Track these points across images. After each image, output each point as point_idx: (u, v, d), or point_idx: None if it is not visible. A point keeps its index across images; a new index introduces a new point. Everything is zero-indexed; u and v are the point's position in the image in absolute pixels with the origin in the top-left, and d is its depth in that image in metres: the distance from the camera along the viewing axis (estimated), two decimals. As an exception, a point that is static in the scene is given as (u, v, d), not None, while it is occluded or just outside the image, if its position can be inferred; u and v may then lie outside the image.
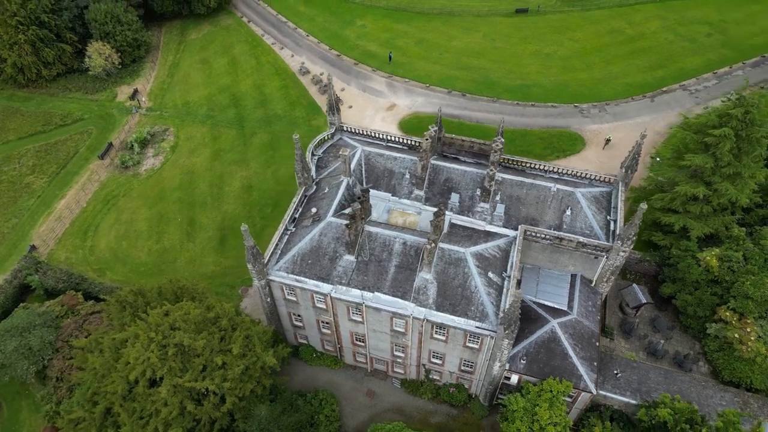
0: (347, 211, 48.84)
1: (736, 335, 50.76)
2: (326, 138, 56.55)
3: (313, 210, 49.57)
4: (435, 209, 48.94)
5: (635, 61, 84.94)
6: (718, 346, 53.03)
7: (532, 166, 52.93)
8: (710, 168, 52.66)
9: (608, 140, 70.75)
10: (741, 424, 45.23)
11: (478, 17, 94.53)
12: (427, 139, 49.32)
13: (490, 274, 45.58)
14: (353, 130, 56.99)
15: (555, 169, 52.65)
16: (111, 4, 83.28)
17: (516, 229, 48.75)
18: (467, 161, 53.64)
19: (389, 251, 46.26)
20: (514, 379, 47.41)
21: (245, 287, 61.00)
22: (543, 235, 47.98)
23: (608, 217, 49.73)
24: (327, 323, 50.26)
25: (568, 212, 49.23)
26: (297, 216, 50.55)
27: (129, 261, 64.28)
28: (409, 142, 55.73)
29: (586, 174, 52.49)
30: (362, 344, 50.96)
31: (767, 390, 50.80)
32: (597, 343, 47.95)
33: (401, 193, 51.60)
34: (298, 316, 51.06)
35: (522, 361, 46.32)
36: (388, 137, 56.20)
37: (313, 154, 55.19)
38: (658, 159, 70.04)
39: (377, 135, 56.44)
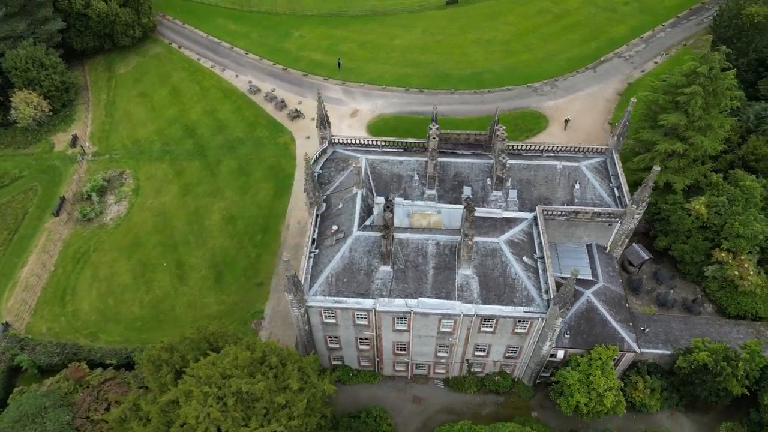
0: (369, 222, 48.10)
1: (736, 272, 55.08)
2: (321, 153, 55.13)
3: (334, 228, 48.29)
4: (457, 206, 49.38)
5: (569, 36, 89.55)
6: (718, 286, 57.26)
7: (528, 148, 54.50)
8: (684, 124, 56.64)
9: (567, 121, 73.85)
10: (763, 351, 49.37)
11: (412, 13, 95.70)
12: (434, 138, 49.49)
13: (525, 259, 46.59)
14: (346, 141, 56.00)
15: (550, 148, 54.55)
16: (30, 48, 76.25)
17: (531, 211, 50.13)
18: (465, 153, 54.34)
19: (424, 254, 46.04)
20: (560, 354, 48.77)
21: (257, 320, 58.39)
22: (559, 212, 49.69)
23: (611, 185, 52.25)
24: (366, 339, 49.24)
25: (577, 186, 51.26)
26: (315, 237, 48.96)
27: (121, 318, 59.53)
28: (405, 143, 55.61)
29: (579, 148, 54.82)
30: (404, 352, 50.42)
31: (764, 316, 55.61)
32: (627, 305, 50.40)
33: (413, 195, 51.44)
34: (335, 337, 49.64)
35: (566, 335, 47.78)
36: (383, 143, 55.78)
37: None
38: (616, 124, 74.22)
39: (371, 142, 55.91)
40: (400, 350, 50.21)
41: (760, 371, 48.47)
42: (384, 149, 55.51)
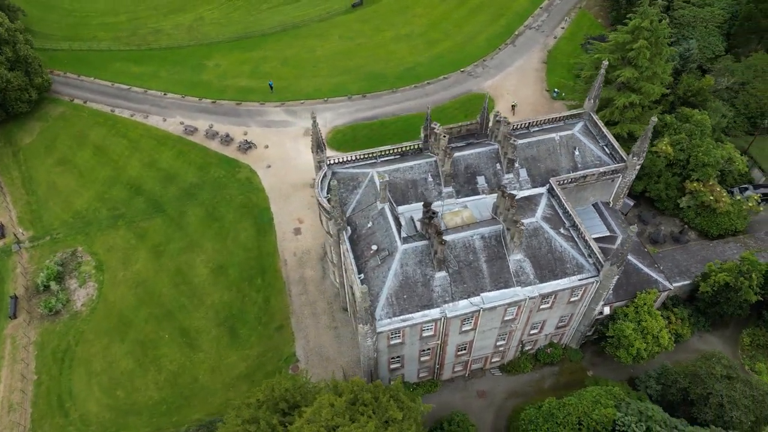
0: (404, 234, 47.16)
1: (711, 197, 61.36)
2: (323, 177, 52.91)
3: (374, 247, 46.73)
4: (479, 196, 49.99)
5: (478, 18, 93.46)
6: (695, 213, 63.43)
7: (516, 126, 56.12)
8: (635, 77, 61.67)
9: (514, 106, 76.63)
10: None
11: (322, 22, 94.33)
12: (443, 136, 49.53)
13: (561, 230, 48.36)
14: (342, 160, 54.24)
15: (535, 122, 56.76)
16: None
17: (543, 185, 52.09)
18: (460, 145, 54.95)
19: (473, 251, 46.11)
20: (606, 311, 51.32)
21: (293, 365, 55.12)
22: (570, 180, 52.10)
23: (600, 144, 55.61)
24: (429, 350, 48.47)
25: (577, 152, 53.98)
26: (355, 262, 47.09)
27: (140, 408, 53.26)
28: (399, 149, 55.09)
29: (557, 117, 57.61)
30: (465, 352, 50.31)
31: (746, 230, 62.61)
32: (646, 249, 54.19)
33: (431, 196, 51.10)
34: (398, 357, 48.31)
35: (609, 292, 50.34)
36: (378, 153, 54.75)
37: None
38: (555, 90, 79.13)
39: (367, 155, 54.61)
40: (462, 351, 50.02)
41: (764, 277, 54.36)
42: (381, 159, 54.51)
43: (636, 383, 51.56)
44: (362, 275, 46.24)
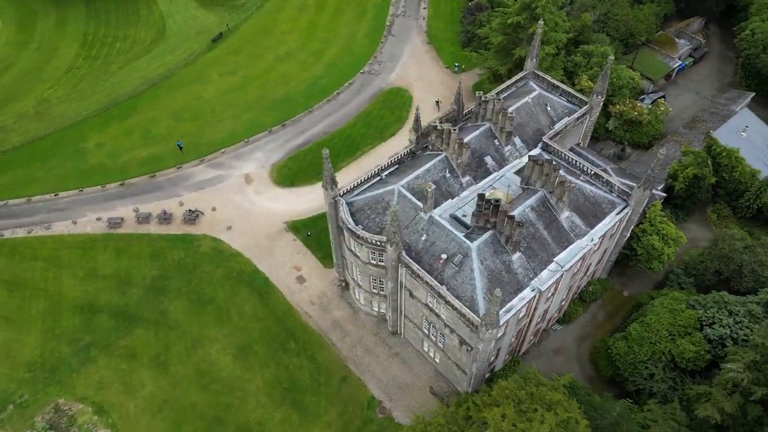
0: (463, 233, 47.18)
1: (635, 113, 70.43)
2: (348, 212, 50.22)
3: (443, 257, 46.03)
4: (499, 173, 51.77)
5: (345, 18, 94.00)
6: (624, 131, 72.32)
7: (482, 101, 58.49)
8: (545, 30, 67.60)
9: (438, 102, 77.97)
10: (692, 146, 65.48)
11: (190, 65, 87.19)
12: (454, 130, 50.07)
13: (581, 178, 52.18)
14: (351, 188, 51.89)
15: (497, 97, 59.71)
16: None
17: (536, 146, 55.56)
18: (470, 127, 55.67)
19: (531, 223, 47.67)
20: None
21: (379, 408, 52.28)
22: (556, 133, 56.20)
23: (559, 94, 60.38)
24: (518, 331, 49.52)
25: (549, 107, 58.18)
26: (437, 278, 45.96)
27: None
28: (397, 157, 54.48)
29: (511, 83, 61.30)
30: (540, 319, 52.22)
31: (666, 131, 73.04)
32: (627, 171, 60.77)
33: (456, 190, 51.44)
34: (498, 350, 48.61)
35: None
36: (379, 169, 53.50)
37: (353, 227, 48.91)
38: (456, 64, 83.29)
39: (371, 174, 53.03)
40: (538, 320, 51.83)
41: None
42: (386, 173, 53.44)
43: (668, 283, 58.01)
44: (444, 286, 45.38)
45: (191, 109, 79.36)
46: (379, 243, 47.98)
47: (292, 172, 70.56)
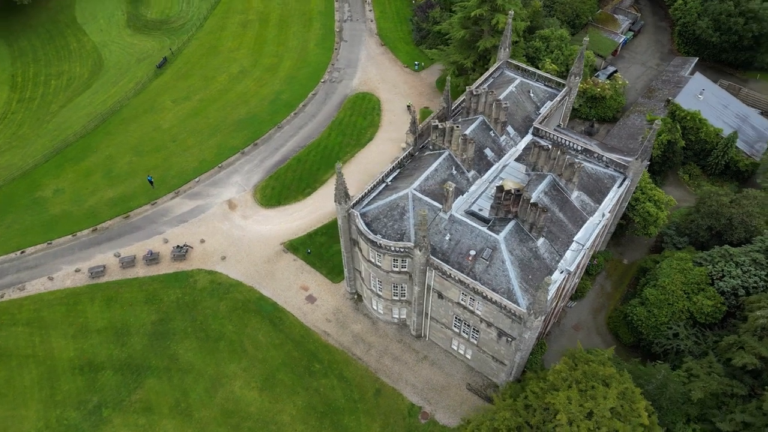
0: (486, 227, 47.54)
1: (598, 90, 73.61)
2: (360, 223, 49.29)
3: (471, 253, 46.17)
4: (499, 164, 52.51)
5: (293, 29, 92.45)
6: (588, 107, 75.40)
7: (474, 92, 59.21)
8: (504, 20, 69.30)
9: (409, 106, 77.57)
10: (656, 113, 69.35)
11: (139, 95, 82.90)
12: (456, 126, 50.30)
13: (578, 158, 53.86)
14: (360, 200, 51.00)
15: (489, 90, 60.50)
16: None
17: (527, 133, 56.88)
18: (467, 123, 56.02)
19: (547, 207, 48.70)
20: (620, 205, 59.11)
21: (421, 413, 51.79)
22: (544, 118, 57.75)
23: (536, 80, 62.01)
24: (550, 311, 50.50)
25: (531, 93, 59.63)
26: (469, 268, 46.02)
27: None
28: (399, 163, 54.20)
29: (489, 75, 62.37)
30: (561, 298, 53.47)
31: (625, 104, 76.75)
32: (608, 145, 63.30)
33: (464, 186, 51.69)
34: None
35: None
36: (382, 177, 52.92)
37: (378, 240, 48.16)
38: (416, 63, 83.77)
39: (379, 181, 52.41)
40: (560, 299, 53.04)
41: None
42: (391, 177, 53.04)
43: (663, 245, 61.01)
44: (478, 282, 45.56)
45: (151, 141, 75.34)
46: (403, 250, 47.44)
47: (276, 192, 68.48)
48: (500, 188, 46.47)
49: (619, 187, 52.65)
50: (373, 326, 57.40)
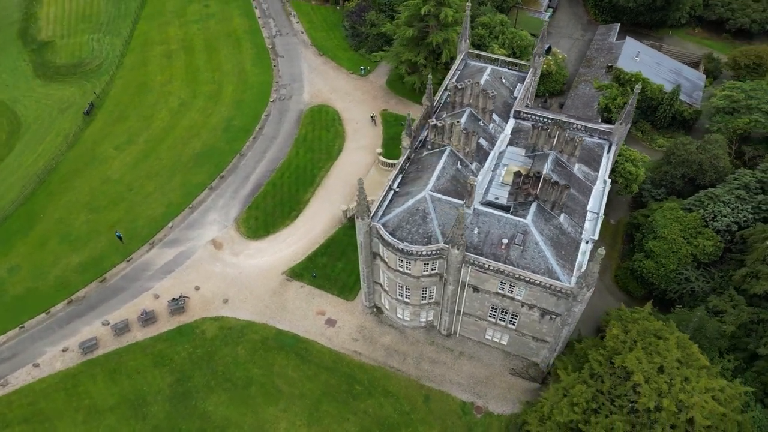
0: (511, 214, 48.49)
1: (545, 66, 77.07)
2: (379, 233, 48.51)
3: (504, 242, 46.86)
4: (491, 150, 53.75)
5: (223, 53, 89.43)
6: (539, 84, 78.61)
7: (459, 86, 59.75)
8: (452, 13, 70.70)
9: (373, 117, 76.48)
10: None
11: (75, 148, 76.17)
12: (456, 122, 50.82)
13: (567, 132, 56.19)
14: (375, 212, 50.16)
15: (476, 81, 61.40)
16: None
17: (509, 117, 58.65)
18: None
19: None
20: (602, 170, 62.42)
21: (475, 407, 52.01)
22: (526, 104, 59.84)
23: (496, 65, 63.96)
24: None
25: (503, 79, 61.41)
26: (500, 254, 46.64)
27: None
28: (398, 162, 54.06)
29: (458, 66, 63.46)
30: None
31: (569, 76, 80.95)
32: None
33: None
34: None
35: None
36: (389, 183, 52.49)
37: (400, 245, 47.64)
38: (362, 68, 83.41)
39: (387, 188, 51.85)
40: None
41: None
42: (400, 183, 52.77)
43: (642, 199, 65.11)
44: (517, 267, 46.42)
45: (105, 195, 69.45)
46: (436, 252, 47.24)
47: (260, 221, 65.58)
48: (518, 173, 47.48)
49: (608, 152, 55.55)
50: (401, 335, 56.71)
